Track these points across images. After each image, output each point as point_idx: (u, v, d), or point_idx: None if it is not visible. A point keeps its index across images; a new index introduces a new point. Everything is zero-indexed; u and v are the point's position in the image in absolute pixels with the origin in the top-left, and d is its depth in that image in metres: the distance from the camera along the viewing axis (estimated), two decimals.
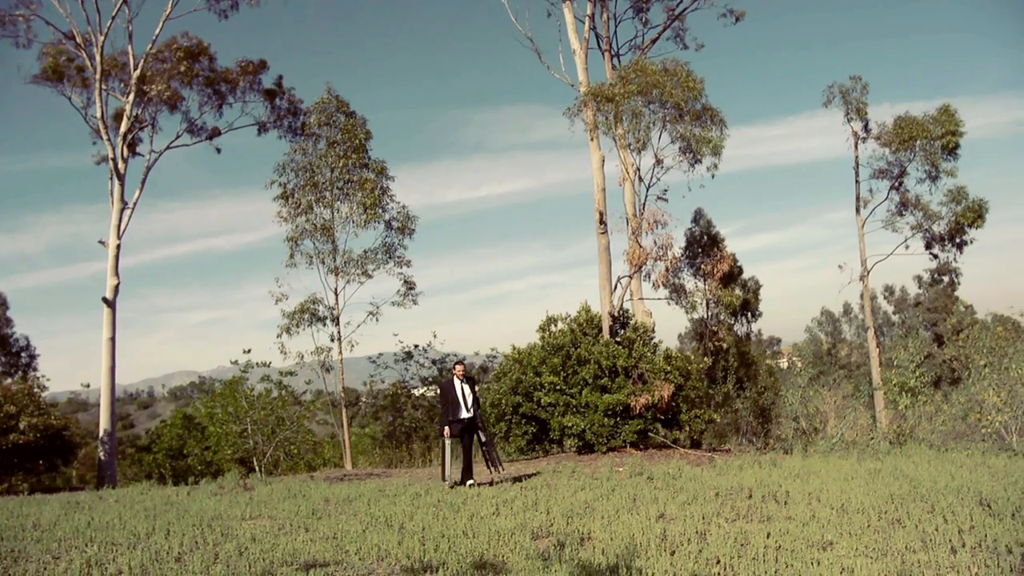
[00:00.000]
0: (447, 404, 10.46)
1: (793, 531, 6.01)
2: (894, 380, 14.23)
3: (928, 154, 20.49)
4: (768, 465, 10.12)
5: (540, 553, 5.69)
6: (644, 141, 14.76)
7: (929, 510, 6.50)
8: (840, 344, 42.14)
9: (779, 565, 5.07)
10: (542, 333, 14.25)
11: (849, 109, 21.87)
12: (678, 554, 5.48)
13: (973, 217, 20.36)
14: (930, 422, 12.86)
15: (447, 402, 10.46)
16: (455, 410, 10.38)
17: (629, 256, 14.08)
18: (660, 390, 12.52)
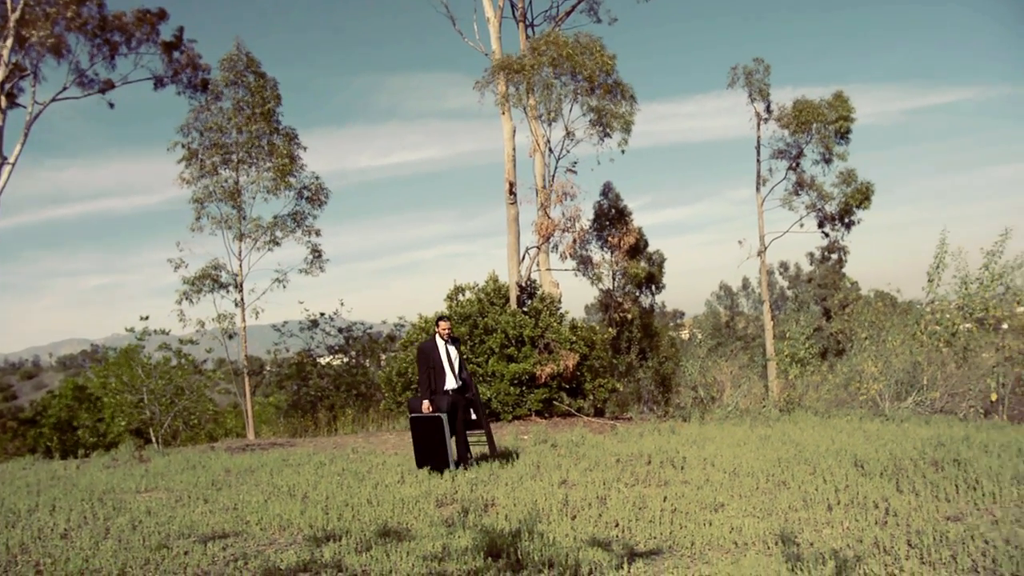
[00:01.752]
0: (427, 372, 8.24)
1: (688, 494, 6.28)
2: (786, 351, 15.02)
3: (823, 137, 21.45)
4: (667, 432, 10.49)
5: (444, 520, 5.75)
6: (555, 113, 14.85)
7: (811, 472, 6.91)
8: (738, 317, 43.95)
9: (674, 527, 5.29)
10: (450, 302, 14.26)
11: (752, 90, 22.60)
12: (579, 518, 5.65)
13: (861, 199, 21.50)
14: (816, 391, 13.64)
15: (427, 369, 8.25)
16: (439, 379, 8.23)
17: (538, 227, 14.22)
18: (565, 360, 12.78)
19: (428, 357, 8.31)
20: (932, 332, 13.75)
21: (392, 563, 4.58)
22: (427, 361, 8.30)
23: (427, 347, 8.39)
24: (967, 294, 13.79)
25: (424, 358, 8.35)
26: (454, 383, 8.30)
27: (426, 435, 8.09)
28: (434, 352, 8.33)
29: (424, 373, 8.29)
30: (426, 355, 8.34)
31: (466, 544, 4.88)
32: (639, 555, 4.68)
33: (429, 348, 8.37)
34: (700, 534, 5.06)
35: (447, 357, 8.35)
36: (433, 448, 8.04)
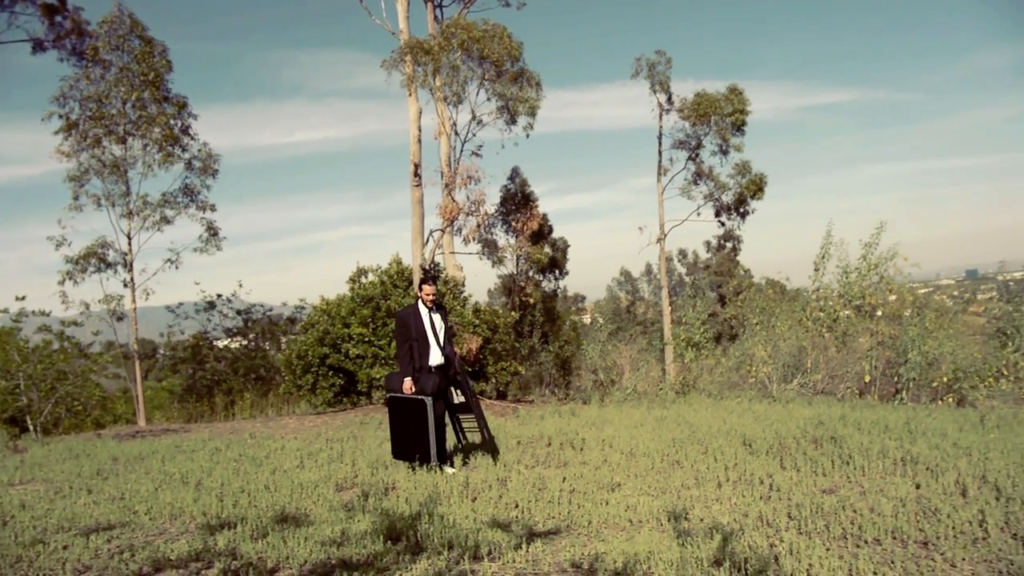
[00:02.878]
0: (408, 344, 7.02)
1: (587, 475, 6.45)
2: (682, 336, 15.59)
3: (720, 129, 22.23)
4: (567, 415, 10.71)
5: (344, 504, 5.71)
6: (462, 96, 14.79)
7: (703, 451, 7.22)
8: (638, 302, 45.19)
9: (572, 507, 5.44)
10: (352, 284, 14.05)
11: (654, 82, 23.14)
12: (479, 500, 5.71)
13: (755, 190, 22.43)
14: (710, 374, 14.21)
15: (407, 341, 7.02)
16: (423, 352, 7.01)
17: (442, 210, 14.15)
18: (468, 343, 12.83)
19: (409, 327, 7.05)
20: (816, 318, 14.58)
21: (289, 549, 4.52)
22: (407, 331, 7.04)
23: (407, 315, 7.14)
24: (847, 283, 14.70)
25: (404, 328, 7.08)
26: (439, 358, 7.13)
27: (405, 420, 6.97)
28: (416, 320, 7.07)
29: (404, 346, 7.06)
30: (406, 324, 7.07)
31: (365, 528, 4.86)
32: (538, 535, 4.78)
33: (410, 316, 7.11)
34: (597, 513, 5.21)
35: (431, 327, 7.12)
36: (413, 437, 6.92)
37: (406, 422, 6.98)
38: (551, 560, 4.30)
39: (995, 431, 8.04)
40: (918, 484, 5.72)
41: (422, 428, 6.84)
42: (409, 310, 7.20)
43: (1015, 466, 6.08)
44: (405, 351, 7.03)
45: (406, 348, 7.03)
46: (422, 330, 7.07)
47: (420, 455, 6.86)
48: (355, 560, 4.32)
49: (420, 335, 7.05)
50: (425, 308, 7.14)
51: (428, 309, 7.15)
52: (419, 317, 7.09)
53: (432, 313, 7.16)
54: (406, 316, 7.14)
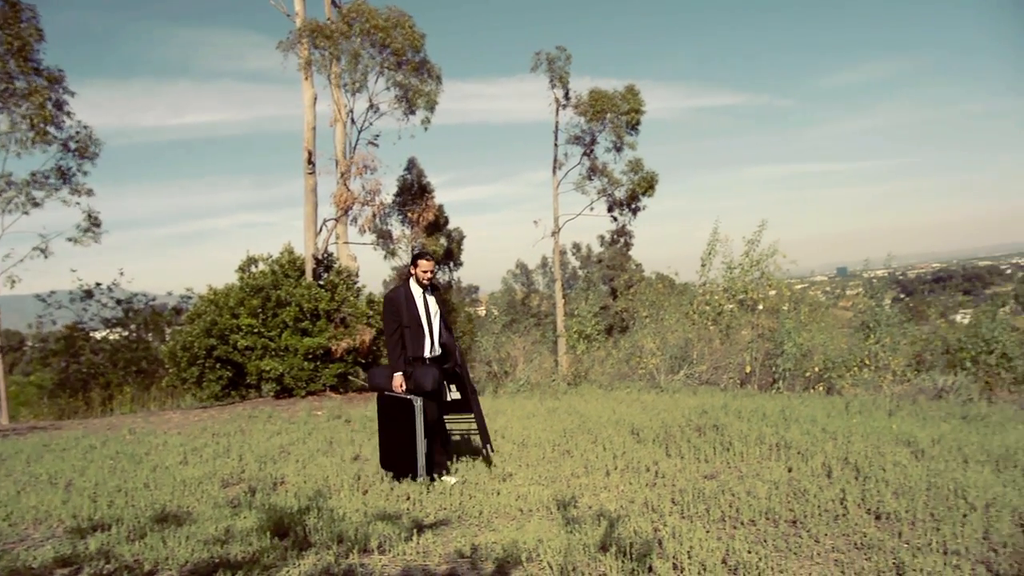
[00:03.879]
0: (398, 331, 6.01)
1: (478, 465, 6.49)
2: (575, 328, 15.92)
3: (615, 127, 22.76)
4: None
5: (230, 501, 5.53)
6: (360, 84, 14.56)
7: (593, 441, 7.40)
8: (533, 295, 45.69)
9: (463, 497, 5.46)
10: (241, 274, 13.58)
11: (553, 77, 23.44)
12: (371, 493, 5.66)
13: (646, 187, 23.12)
14: (601, 365, 14.58)
15: (398, 328, 6.01)
16: (416, 342, 6.04)
17: (336, 199, 13.89)
18: (362, 334, 12.66)
19: (399, 310, 6.02)
20: (702, 312, 15.20)
21: (169, 550, 4.34)
22: (397, 316, 6.02)
23: (398, 296, 6.08)
24: (731, 278, 15.42)
25: (394, 312, 6.04)
26: (433, 348, 6.15)
27: (394, 424, 5.97)
28: (410, 304, 6.06)
29: (394, 333, 6.03)
30: (397, 308, 6.03)
31: (251, 524, 4.73)
32: (428, 526, 4.79)
33: (401, 298, 6.06)
34: (488, 503, 5.26)
35: (426, 312, 6.13)
36: (403, 445, 5.90)
37: (396, 426, 5.96)
38: (441, 551, 4.31)
39: (857, 416, 8.63)
40: (790, 468, 6.08)
41: (410, 435, 5.84)
42: (400, 291, 6.13)
43: (872, 448, 6.56)
44: (395, 340, 6.02)
45: (396, 337, 6.02)
46: (416, 314, 6.05)
47: (406, 465, 5.89)
48: (239, 558, 4.20)
49: (413, 320, 6.04)
50: (419, 288, 6.15)
51: (423, 290, 6.16)
52: (412, 299, 6.09)
53: (427, 294, 6.19)
54: (396, 298, 6.07)
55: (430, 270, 6.18)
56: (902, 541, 4.31)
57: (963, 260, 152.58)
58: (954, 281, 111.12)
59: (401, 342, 5.98)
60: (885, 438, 7.09)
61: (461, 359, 6.36)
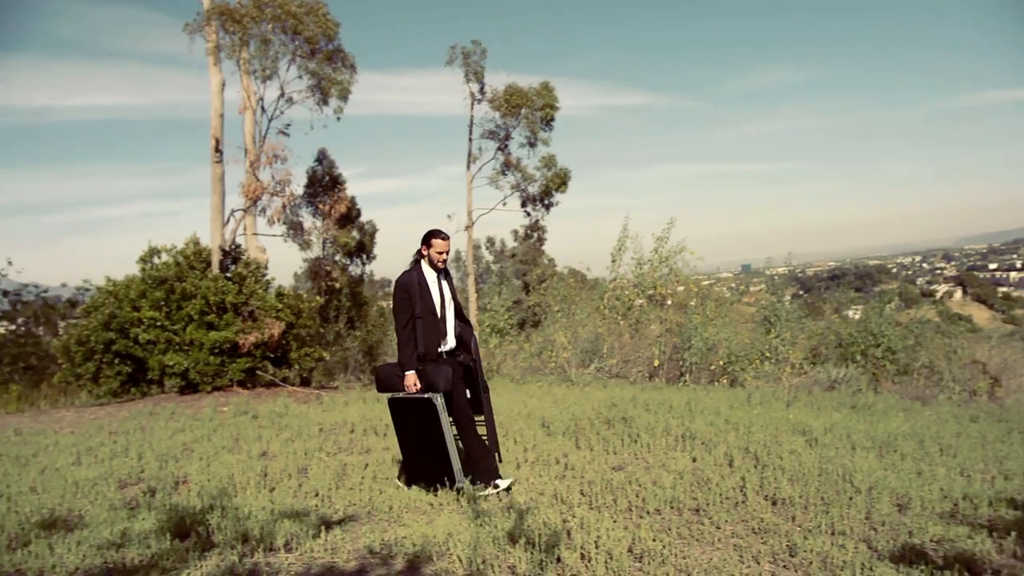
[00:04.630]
0: (411, 322, 5.25)
1: (389, 460, 6.45)
2: (487, 322, 15.97)
3: (529, 123, 22.86)
4: (372, 401, 10.63)
5: (127, 502, 5.30)
6: (271, 72, 14.14)
7: (504, 434, 7.45)
8: None
9: (373, 493, 5.41)
10: (143, 265, 13.00)
11: (469, 71, 23.31)
12: (278, 490, 5.54)
13: (559, 183, 23.33)
14: (513, 359, 14.69)
15: (411, 318, 5.25)
16: (431, 335, 5.31)
17: (245, 189, 13.47)
18: (271, 328, 12.33)
19: (412, 298, 5.24)
20: (612, 306, 15.52)
21: (57, 556, 4.13)
22: (410, 305, 5.24)
23: (410, 282, 5.28)
24: (641, 274, 15.81)
25: (406, 300, 5.25)
26: (451, 341, 5.47)
27: (412, 430, 5.29)
28: (424, 291, 5.30)
29: (407, 326, 5.23)
30: (410, 294, 5.25)
31: (150, 526, 4.55)
32: (337, 523, 4.73)
33: (414, 283, 5.28)
34: (398, 498, 5.23)
35: (441, 300, 5.39)
36: (428, 452, 5.23)
37: (414, 432, 5.27)
38: (350, 548, 4.26)
39: (758, 407, 9.02)
40: (694, 458, 6.29)
41: (436, 438, 5.16)
42: (412, 275, 5.32)
43: (771, 438, 6.87)
44: (408, 332, 5.22)
45: (409, 328, 5.22)
46: (431, 303, 5.30)
47: (437, 474, 5.24)
48: (136, 562, 4.04)
49: (428, 310, 5.28)
50: (433, 272, 5.40)
51: (437, 274, 5.43)
52: (426, 285, 5.32)
53: (441, 279, 5.46)
54: (409, 283, 5.27)
55: (446, 251, 5.40)
56: (795, 524, 4.54)
57: (855, 259, 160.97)
58: (847, 279, 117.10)
59: (414, 334, 5.23)
60: (783, 428, 7.44)
61: (476, 353, 5.63)
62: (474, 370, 5.51)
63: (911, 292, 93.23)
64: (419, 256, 5.45)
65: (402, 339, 5.24)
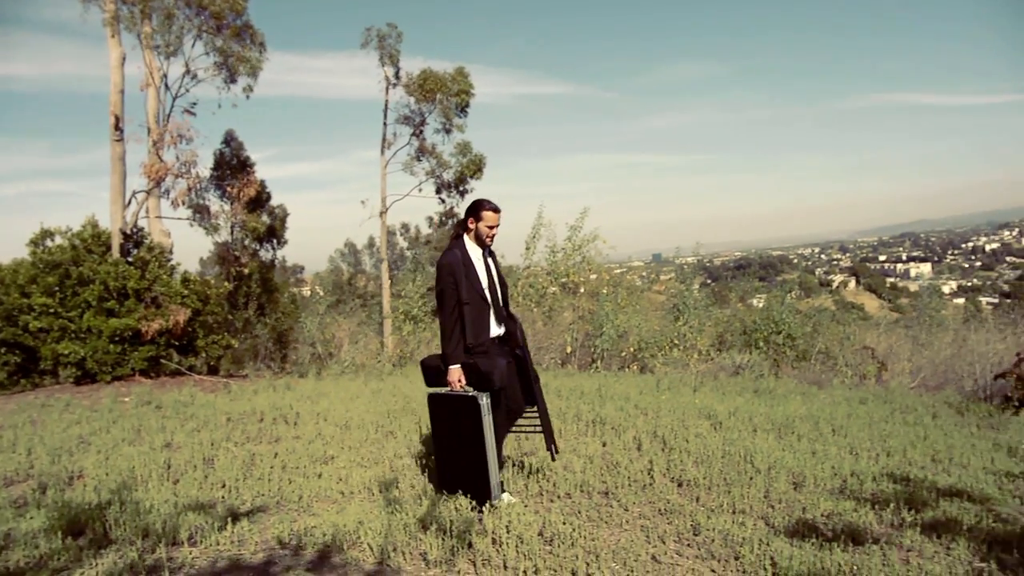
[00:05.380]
0: (457, 308, 4.50)
1: (299, 449, 6.34)
2: (401, 309, 15.87)
3: (444, 108, 22.71)
4: (282, 389, 10.42)
5: (13, 501, 5.02)
6: (175, 47, 13.60)
7: (416, 422, 7.44)
8: (360, 275, 44.91)
9: (282, 482, 5.32)
10: (34, 248, 12.29)
11: (384, 54, 22.94)
12: (182, 482, 5.36)
13: (474, 169, 23.29)
14: (427, 346, 14.63)
15: (456, 303, 4.50)
16: (479, 322, 4.58)
17: (148, 169, 12.92)
18: (176, 315, 11.88)
19: (458, 281, 4.51)
20: (527, 294, 15.66)
21: None
22: (457, 289, 4.50)
23: (455, 262, 4.52)
24: (554, 262, 16.02)
25: (452, 283, 4.50)
26: (498, 327, 4.73)
27: (453, 431, 4.60)
28: (470, 272, 4.57)
29: (453, 313, 4.51)
30: (455, 277, 4.50)
31: (39, 525, 4.32)
32: (244, 514, 4.62)
33: (458, 264, 4.53)
34: (309, 487, 5.16)
35: (489, 281, 4.67)
36: (466, 458, 4.55)
37: (455, 435, 4.59)
38: (258, 539, 4.18)
39: (667, 393, 9.29)
40: (604, 442, 6.44)
41: (476, 443, 4.47)
42: (456, 255, 4.55)
43: (678, 422, 7.11)
44: (454, 320, 4.51)
45: (455, 316, 4.51)
46: (479, 285, 4.59)
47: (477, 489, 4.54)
48: (22, 564, 3.83)
49: (475, 294, 4.56)
50: (478, 250, 4.68)
51: (482, 251, 4.70)
52: (472, 265, 4.59)
53: (487, 257, 4.73)
54: (454, 264, 4.51)
55: (497, 225, 4.65)
56: (699, 505, 4.72)
57: (760, 250, 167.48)
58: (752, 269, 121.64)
59: (460, 324, 4.52)
60: (690, 412, 7.70)
61: (523, 340, 4.87)
62: (523, 359, 4.78)
63: (810, 282, 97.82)
64: (461, 231, 4.71)
65: (448, 329, 4.52)
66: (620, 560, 3.80)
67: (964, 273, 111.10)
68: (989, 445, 6.63)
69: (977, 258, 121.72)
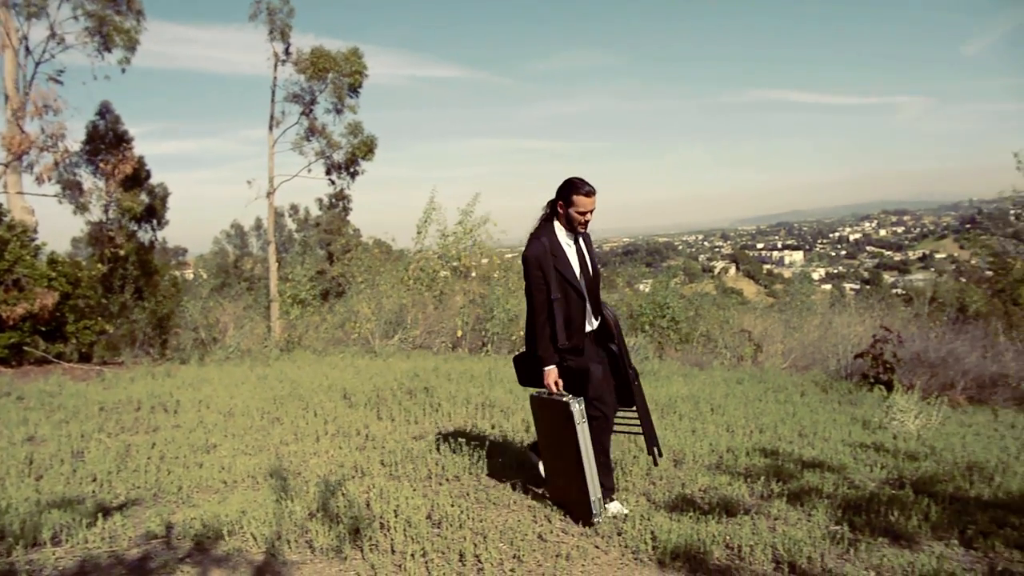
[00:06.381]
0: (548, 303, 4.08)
1: (179, 439, 6.09)
2: (289, 293, 15.46)
3: (337, 88, 22.15)
4: (162, 376, 9.96)
5: None
6: (39, 7, 12.62)
7: (304, 407, 7.30)
8: (247, 257, 43.32)
9: (160, 473, 5.10)
10: None
11: (274, 28, 22.08)
12: (46, 478, 5.04)
13: (366, 151, 22.86)
14: (316, 331, 14.34)
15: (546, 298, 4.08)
16: (572, 317, 4.14)
17: (7, 141, 11.98)
18: (42, 298, 11.10)
19: (549, 274, 4.07)
20: (418, 278, 15.58)
21: None
22: (547, 283, 4.07)
23: (542, 253, 4.07)
24: (446, 245, 16.01)
25: (541, 277, 4.07)
26: (593, 319, 4.29)
27: (549, 435, 4.27)
28: (561, 262, 4.12)
29: (544, 309, 4.10)
30: (543, 268, 4.06)
31: None
32: (116, 508, 4.40)
33: (547, 255, 4.08)
34: (189, 477, 4.97)
35: (583, 272, 4.21)
36: (563, 464, 4.18)
37: (555, 440, 4.21)
38: (131, 534, 3.99)
39: None
40: (493, 424, 6.52)
41: (572, 452, 4.04)
42: (543, 244, 4.09)
43: None
44: (545, 318, 4.09)
45: (546, 313, 4.09)
46: (571, 277, 4.13)
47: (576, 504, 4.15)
48: None
49: (567, 286, 4.11)
50: (568, 236, 4.19)
51: (575, 238, 4.22)
52: (563, 255, 4.13)
53: (580, 244, 4.25)
54: (542, 256, 4.07)
55: (591, 210, 4.13)
56: None
57: (647, 236, 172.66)
58: (639, 254, 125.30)
59: (552, 321, 4.09)
60: None
61: (619, 334, 4.39)
62: (618, 355, 4.34)
63: (694, 268, 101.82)
64: (550, 214, 4.22)
65: (539, 326, 4.11)
66: (507, 540, 3.86)
67: (831, 261, 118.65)
68: (848, 419, 7.17)
69: (843, 247, 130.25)
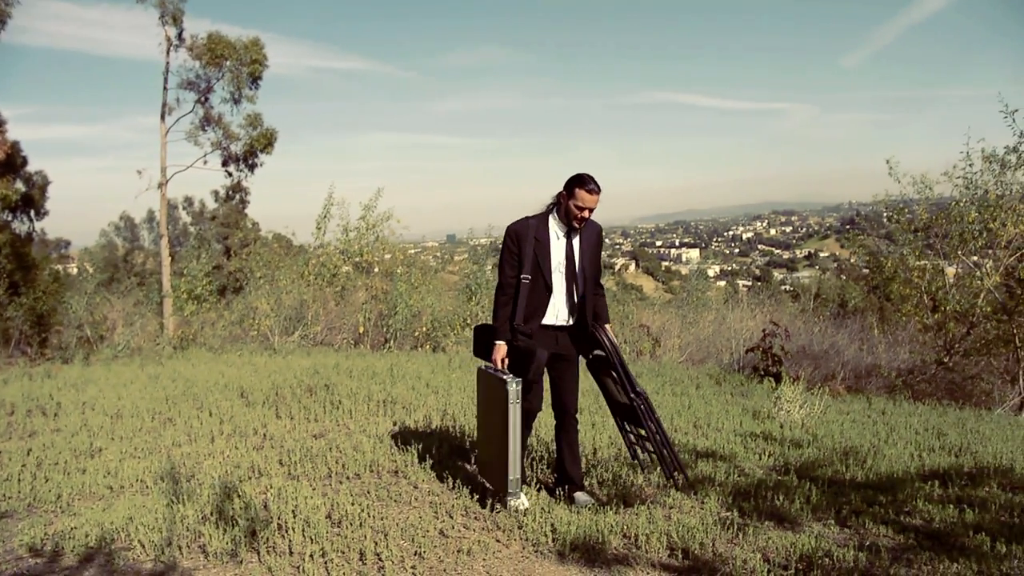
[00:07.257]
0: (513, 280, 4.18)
1: (59, 443, 5.77)
2: (183, 288, 14.84)
3: (235, 76, 21.37)
4: (41, 377, 9.39)
5: None
6: None
7: (199, 407, 7.04)
8: (137, 251, 41.20)
9: (36, 482, 4.81)
10: None
11: (165, 12, 21.07)
12: None
13: (265, 143, 22.18)
14: (212, 327, 13.82)
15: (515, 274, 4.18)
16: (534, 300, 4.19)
17: None
18: None
19: (521, 249, 4.17)
20: (318, 273, 15.26)
21: None
22: (518, 258, 4.18)
23: (523, 231, 4.18)
24: (347, 240, 15.76)
25: (514, 252, 4.19)
26: (564, 315, 4.28)
27: (488, 411, 4.33)
28: (539, 244, 4.18)
29: (508, 286, 4.19)
30: (518, 245, 4.18)
31: None
32: None
33: (526, 233, 4.18)
34: (69, 484, 4.71)
35: (565, 259, 4.23)
36: (494, 442, 4.23)
37: (489, 416, 4.31)
38: (2, 549, 3.75)
39: (458, 371, 9.50)
40: (395, 421, 6.48)
41: (503, 431, 4.08)
42: (529, 224, 4.21)
43: (469, 400, 7.30)
44: (508, 295, 4.18)
45: (509, 287, 4.18)
46: (547, 260, 4.18)
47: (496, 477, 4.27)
48: None
49: (539, 269, 4.17)
50: (559, 227, 4.24)
51: (568, 231, 4.23)
52: (544, 239, 4.20)
53: (571, 237, 4.25)
54: (521, 232, 4.18)
55: (591, 207, 4.14)
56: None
57: None
58: None
59: (514, 299, 4.17)
60: None
61: (611, 341, 4.37)
62: (613, 361, 4.35)
63: None
64: (554, 204, 4.27)
65: (499, 300, 4.21)
66: (408, 537, 3.85)
67: (725, 258, 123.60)
68: (739, 410, 7.51)
69: (736, 245, 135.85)
